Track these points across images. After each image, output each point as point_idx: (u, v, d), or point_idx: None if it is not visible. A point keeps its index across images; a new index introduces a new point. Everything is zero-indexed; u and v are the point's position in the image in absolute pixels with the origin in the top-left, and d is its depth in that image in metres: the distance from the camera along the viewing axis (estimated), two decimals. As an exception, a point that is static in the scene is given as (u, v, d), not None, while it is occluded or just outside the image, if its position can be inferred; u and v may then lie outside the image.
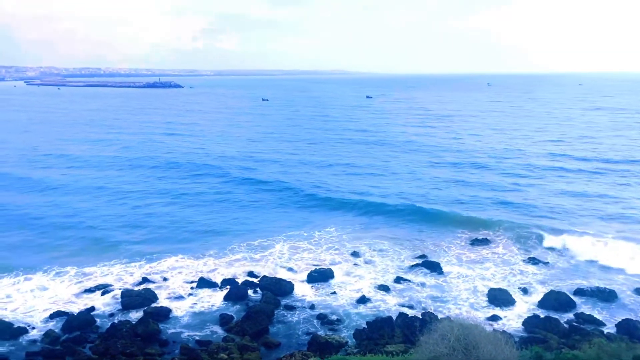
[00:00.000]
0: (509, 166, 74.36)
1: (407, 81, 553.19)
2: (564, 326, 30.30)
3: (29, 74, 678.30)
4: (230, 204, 58.05)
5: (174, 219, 52.19)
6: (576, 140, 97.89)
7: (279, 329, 31.48)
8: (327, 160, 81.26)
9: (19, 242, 45.78)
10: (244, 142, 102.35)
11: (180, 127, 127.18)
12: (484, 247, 44.06)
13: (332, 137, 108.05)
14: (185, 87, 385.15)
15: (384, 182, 66.99)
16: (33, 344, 29.63)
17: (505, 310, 33.07)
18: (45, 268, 39.68)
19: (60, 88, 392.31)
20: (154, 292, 35.32)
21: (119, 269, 40.13)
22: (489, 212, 53.06)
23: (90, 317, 32.25)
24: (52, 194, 61.97)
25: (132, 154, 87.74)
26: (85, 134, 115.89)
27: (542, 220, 49.81)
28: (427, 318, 29.83)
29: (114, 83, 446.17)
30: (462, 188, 62.75)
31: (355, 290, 36.36)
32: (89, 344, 29.51)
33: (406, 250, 43.69)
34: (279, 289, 35.85)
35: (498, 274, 38.79)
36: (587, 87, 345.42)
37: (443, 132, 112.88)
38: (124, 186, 65.58)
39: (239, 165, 77.93)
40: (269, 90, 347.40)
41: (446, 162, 78.88)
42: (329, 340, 28.55)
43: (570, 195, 58.37)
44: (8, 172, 72.67)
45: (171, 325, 31.84)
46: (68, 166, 78.61)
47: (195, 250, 43.64)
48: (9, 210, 54.75)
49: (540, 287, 36.41)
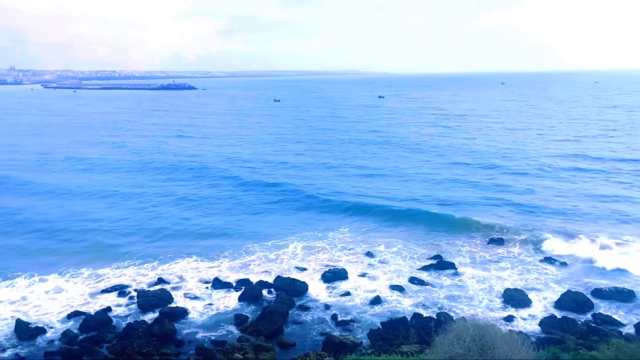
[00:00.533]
0: (523, 166, 73.72)
1: (420, 80, 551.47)
2: (581, 327, 29.94)
3: (46, 77, 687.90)
4: (243, 206, 57.95)
5: (186, 221, 52.47)
6: (592, 139, 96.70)
7: (293, 329, 31.55)
8: (339, 162, 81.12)
9: (32, 245, 46.31)
10: (256, 143, 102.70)
11: (192, 130, 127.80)
12: (499, 248, 43.71)
13: (343, 137, 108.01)
14: (199, 88, 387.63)
15: (396, 183, 66.79)
16: (51, 343, 30.05)
17: (521, 310, 32.77)
18: (60, 270, 40.18)
19: (75, 91, 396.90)
20: (169, 293, 35.60)
21: (134, 270, 40.50)
22: (504, 212, 52.64)
23: (107, 317, 32.60)
24: (63, 197, 62.38)
25: (143, 157, 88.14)
26: (98, 137, 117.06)
27: (558, 221, 49.33)
28: (442, 318, 29.69)
29: (129, 85, 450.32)
30: (476, 189, 62.31)
31: (370, 290, 36.29)
32: (106, 343, 29.84)
33: (420, 250, 43.51)
34: (293, 289, 35.91)
35: (514, 274, 38.45)
36: (603, 85, 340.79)
37: (456, 132, 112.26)
38: (136, 189, 65.90)
39: (251, 167, 78.15)
40: (280, 91, 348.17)
41: (459, 162, 78.35)
42: (344, 341, 28.54)
43: (588, 196, 57.69)
44: (20, 176, 72.96)
45: (186, 325, 32.07)
46: (79, 169, 79.13)
47: (209, 252, 43.86)
48: (21, 214, 55.22)
49: (557, 287, 36.02)
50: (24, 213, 55.51)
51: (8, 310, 33.98)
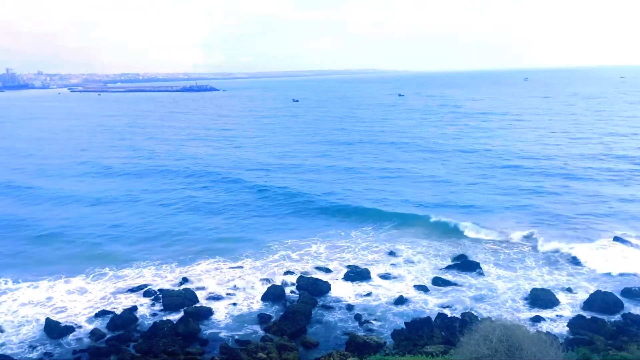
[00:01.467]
0: (550, 165, 72.30)
1: (443, 78, 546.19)
2: (610, 327, 29.23)
3: (72, 81, 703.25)
4: (262, 209, 57.20)
5: (207, 224, 52.27)
6: (623, 138, 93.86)
7: (316, 328, 31.54)
8: (358, 164, 79.90)
9: (55, 248, 46.97)
10: (273, 146, 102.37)
11: (213, 133, 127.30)
12: (525, 247, 42.99)
13: (362, 138, 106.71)
14: (220, 90, 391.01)
15: (418, 185, 65.69)
16: (79, 342, 30.63)
17: (549, 311, 32.15)
18: (87, 270, 40.88)
19: (100, 94, 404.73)
20: (193, 292, 35.93)
21: (158, 271, 40.99)
22: (530, 211, 51.75)
23: (133, 316, 33.09)
24: (83, 202, 62.58)
25: (161, 162, 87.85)
26: (119, 140, 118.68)
27: (586, 221, 48.35)
28: (467, 318, 29.34)
29: (152, 88, 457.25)
30: (500, 190, 60.90)
31: (393, 290, 36.05)
32: (133, 342, 30.29)
33: (444, 250, 43.05)
34: (316, 288, 35.90)
35: (541, 274, 37.74)
36: (630, 81, 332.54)
37: (476, 131, 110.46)
38: (156, 195, 65.57)
39: (267, 170, 77.69)
40: (300, 91, 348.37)
41: (482, 163, 76.99)
42: (367, 341, 28.40)
43: (618, 196, 56.18)
44: (34, 183, 73.49)
45: (211, 325, 32.34)
46: (97, 174, 79.73)
47: (231, 253, 43.91)
48: (43, 219, 55.81)
49: (586, 287, 35.28)
50: (46, 220, 55.75)
51: (35, 310, 34.73)
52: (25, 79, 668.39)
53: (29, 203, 63.97)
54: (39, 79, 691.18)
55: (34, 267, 42.22)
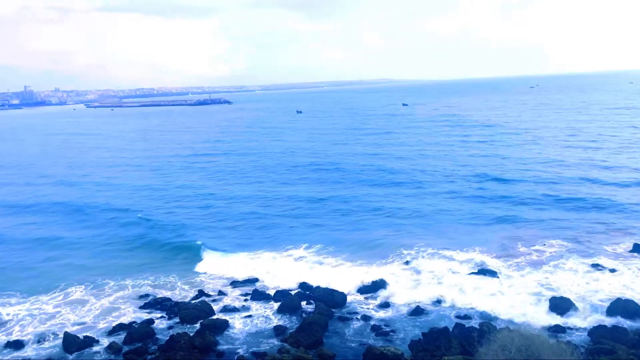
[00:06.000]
0: (567, 174, 71.11)
1: (451, 86, 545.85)
2: (632, 336, 28.62)
3: (88, 97, 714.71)
4: (266, 220, 57.42)
5: (221, 237, 53.05)
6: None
7: (333, 340, 31.36)
8: (370, 175, 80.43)
9: (73, 260, 47.86)
10: (278, 154, 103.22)
11: (221, 145, 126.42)
12: (545, 255, 42.38)
13: (363, 149, 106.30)
14: (234, 103, 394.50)
15: (432, 196, 65.50)
16: (97, 355, 30.80)
17: (569, 319, 31.61)
18: (103, 282, 41.55)
19: (113, 109, 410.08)
20: (210, 305, 36.00)
21: (176, 283, 41.33)
22: (549, 219, 51.17)
23: (150, 329, 33.22)
24: (95, 218, 63.07)
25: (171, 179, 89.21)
26: (138, 152, 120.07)
27: (607, 228, 47.78)
28: (485, 328, 28.95)
29: (167, 102, 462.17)
30: (515, 199, 60.20)
31: (410, 300, 35.77)
32: (149, 355, 30.38)
33: (461, 258, 42.59)
34: (332, 300, 35.76)
35: (561, 282, 37.00)
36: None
37: (479, 139, 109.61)
38: (166, 215, 66.77)
39: (273, 180, 78.67)
40: (309, 103, 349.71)
41: (490, 174, 76.44)
42: (384, 352, 28.12)
43: (635, 204, 55.16)
44: (56, 199, 74.36)
45: (227, 337, 32.33)
46: (100, 187, 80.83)
47: (246, 262, 44.33)
48: (65, 234, 56.82)
49: (606, 295, 34.60)
50: (61, 234, 57.18)
51: (53, 322, 35.14)
52: (42, 96, 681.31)
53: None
54: (55, 96, 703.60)
55: (48, 281, 42.67)
